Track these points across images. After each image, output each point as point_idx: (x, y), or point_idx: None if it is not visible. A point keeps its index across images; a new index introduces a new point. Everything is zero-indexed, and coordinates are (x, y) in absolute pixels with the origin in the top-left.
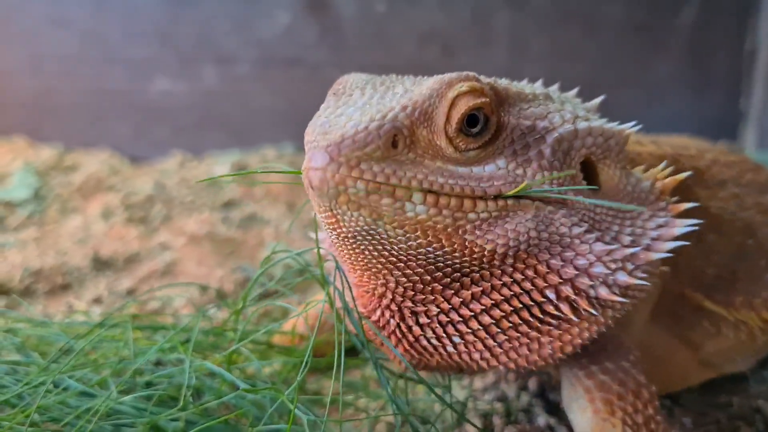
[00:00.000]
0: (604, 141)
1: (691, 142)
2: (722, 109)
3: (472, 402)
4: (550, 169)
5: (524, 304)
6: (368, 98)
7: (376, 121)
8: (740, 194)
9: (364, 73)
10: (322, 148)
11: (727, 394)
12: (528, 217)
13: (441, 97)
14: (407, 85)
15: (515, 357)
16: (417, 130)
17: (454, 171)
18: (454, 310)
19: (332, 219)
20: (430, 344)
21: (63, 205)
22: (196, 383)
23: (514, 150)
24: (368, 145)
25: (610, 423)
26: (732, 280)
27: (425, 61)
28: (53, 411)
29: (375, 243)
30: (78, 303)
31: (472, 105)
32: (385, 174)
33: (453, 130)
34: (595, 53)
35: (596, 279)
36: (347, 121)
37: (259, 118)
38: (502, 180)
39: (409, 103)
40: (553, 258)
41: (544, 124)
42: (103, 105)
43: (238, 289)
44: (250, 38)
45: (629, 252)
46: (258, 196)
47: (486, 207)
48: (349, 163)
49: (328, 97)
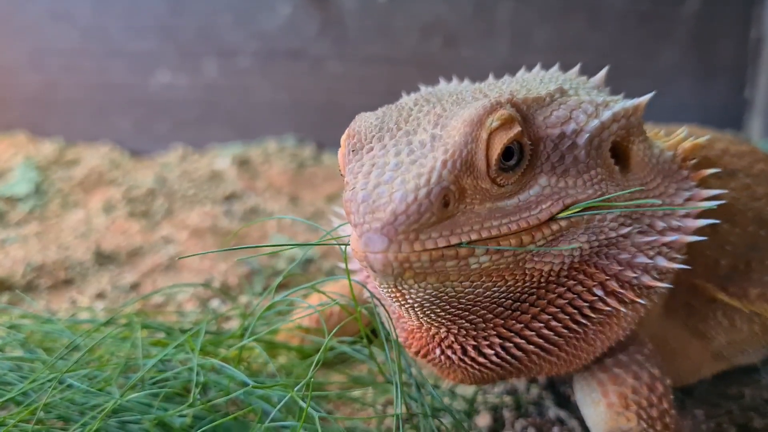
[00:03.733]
0: (626, 121)
1: (699, 132)
2: (727, 98)
3: (481, 395)
4: (588, 170)
5: (577, 307)
6: (395, 154)
7: (423, 188)
8: (751, 184)
9: (368, 111)
10: (377, 231)
11: (739, 386)
12: (580, 232)
13: (476, 141)
14: (429, 129)
15: (572, 359)
16: (462, 182)
17: (504, 208)
18: (516, 334)
19: (397, 293)
20: (492, 364)
21: (64, 200)
22: (203, 379)
23: (551, 165)
24: (423, 215)
25: (625, 417)
26: (746, 271)
27: (428, 53)
28: (59, 408)
29: (442, 303)
30: (81, 298)
31: (507, 141)
32: (446, 238)
33: (494, 171)
34: (599, 43)
35: (639, 269)
36: (390, 191)
37: (260, 110)
38: (549, 201)
39: (447, 157)
40: (601, 258)
41: (572, 128)
42: (104, 99)
43: (243, 282)
44: (251, 31)
45: (666, 240)
46: (260, 188)
47: (543, 235)
48: (408, 239)
49: (346, 155)
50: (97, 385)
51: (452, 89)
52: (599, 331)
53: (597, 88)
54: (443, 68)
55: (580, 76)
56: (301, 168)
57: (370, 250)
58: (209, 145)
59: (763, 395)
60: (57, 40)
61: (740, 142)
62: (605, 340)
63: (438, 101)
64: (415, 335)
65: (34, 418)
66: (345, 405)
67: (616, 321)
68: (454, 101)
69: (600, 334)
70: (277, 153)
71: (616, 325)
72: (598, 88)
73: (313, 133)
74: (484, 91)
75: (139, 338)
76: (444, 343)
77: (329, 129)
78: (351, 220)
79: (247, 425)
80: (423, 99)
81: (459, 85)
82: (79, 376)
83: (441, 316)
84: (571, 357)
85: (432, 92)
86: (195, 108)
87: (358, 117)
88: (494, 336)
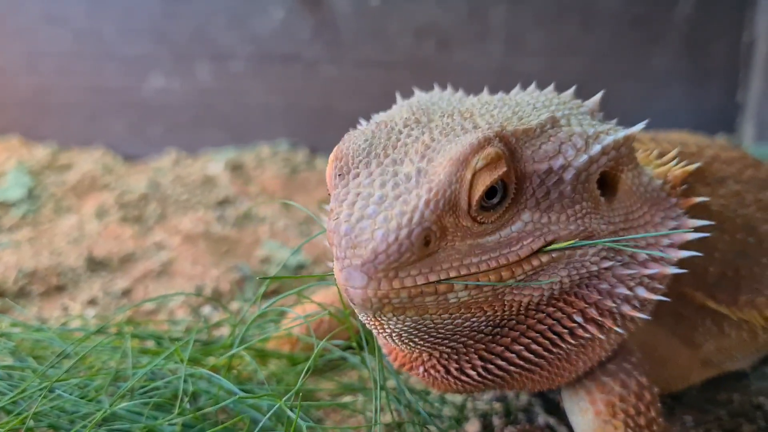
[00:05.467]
0: (616, 153)
1: (690, 138)
2: (720, 102)
3: (470, 402)
4: (572, 205)
5: (557, 333)
6: (381, 185)
7: (404, 228)
8: (741, 191)
9: (357, 129)
10: (356, 268)
11: (728, 392)
12: (561, 266)
13: (460, 182)
14: (416, 161)
15: (555, 377)
16: (443, 221)
17: (484, 244)
18: (497, 356)
19: (376, 323)
20: (476, 381)
21: (57, 205)
22: (192, 388)
23: (536, 200)
24: (402, 255)
25: (612, 425)
26: (735, 278)
27: (421, 56)
28: (50, 417)
29: (420, 333)
30: (73, 305)
31: (490, 183)
32: (425, 275)
33: (474, 211)
34: (592, 47)
35: (619, 299)
36: (372, 227)
37: (254, 114)
38: (531, 237)
39: (431, 197)
40: (582, 288)
41: (560, 163)
42: (98, 103)
43: (235, 288)
44: (244, 34)
45: (648, 272)
46: (253, 194)
47: (523, 270)
48: (387, 277)
49: (333, 178)
50: (88, 394)
51: (444, 106)
52: (581, 353)
53: (591, 113)
54: (437, 71)
55: (574, 100)
56: (294, 173)
57: (350, 285)
58: (202, 150)
59: (752, 401)
60: (51, 43)
61: (731, 148)
62: (587, 361)
63: (428, 124)
64: (398, 353)
65: (23, 427)
66: (335, 412)
67: (598, 344)
68: (443, 130)
69: (582, 356)
70: (270, 158)
71: (598, 347)
72: (592, 114)
73: (307, 138)
74: (474, 118)
75: (129, 347)
76: (427, 364)
77: (323, 133)
78: (334, 251)
79: None
80: (413, 119)
81: (452, 96)
82: (69, 384)
83: (420, 344)
84: (553, 375)
85: (423, 108)
86: (188, 112)
87: (347, 136)
88: (476, 359)
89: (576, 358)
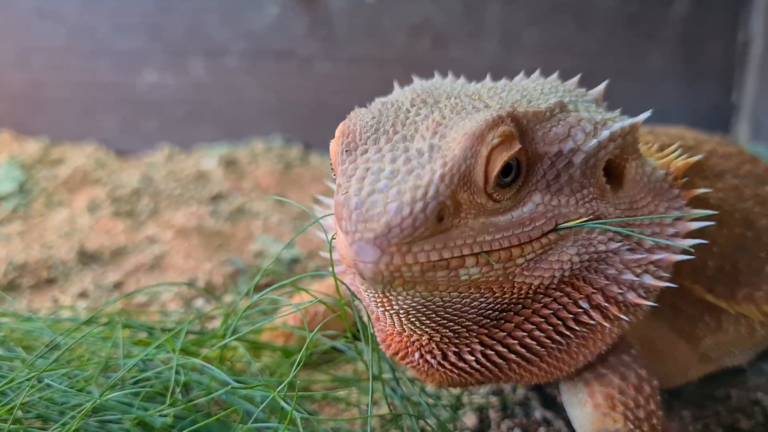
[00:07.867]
0: (622, 140)
1: (688, 133)
2: (715, 102)
3: (467, 396)
4: (581, 189)
5: (561, 318)
6: (391, 160)
7: (419, 202)
8: (739, 185)
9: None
10: (369, 242)
11: (726, 387)
12: (569, 245)
13: (476, 156)
14: (428, 138)
15: (552, 370)
16: (458, 196)
17: (497, 223)
18: (498, 342)
19: (384, 299)
20: (472, 369)
21: (48, 199)
22: (184, 379)
23: (546, 182)
24: (417, 229)
25: (611, 418)
26: (733, 272)
27: (416, 54)
28: (38, 407)
29: (428, 312)
30: (63, 297)
31: (507, 158)
32: (438, 251)
33: (491, 187)
34: (588, 45)
35: (625, 285)
36: (385, 201)
37: (248, 110)
38: (542, 219)
39: (446, 171)
40: (590, 273)
41: (569, 146)
42: (91, 98)
43: (227, 281)
44: (239, 30)
45: (654, 258)
46: (247, 189)
47: (532, 249)
48: (401, 251)
49: (339, 154)
50: (78, 384)
51: (449, 89)
52: (582, 345)
53: (596, 102)
54: (432, 69)
55: (579, 88)
56: (288, 168)
57: (361, 259)
58: (196, 145)
59: (749, 396)
60: (44, 38)
61: (728, 144)
62: (587, 354)
63: (435, 104)
64: (393, 338)
65: (11, 418)
66: (330, 405)
67: (600, 336)
68: (453, 108)
69: (582, 348)
70: (264, 153)
71: (599, 339)
72: (596, 102)
73: (301, 134)
74: (483, 99)
75: (120, 337)
76: (424, 349)
77: (317, 129)
78: (342, 225)
79: (230, 425)
80: (420, 100)
81: (455, 82)
82: (58, 375)
83: (425, 324)
84: (552, 368)
85: (428, 91)
86: (182, 108)
87: (354, 113)
88: (476, 343)
89: (576, 350)
